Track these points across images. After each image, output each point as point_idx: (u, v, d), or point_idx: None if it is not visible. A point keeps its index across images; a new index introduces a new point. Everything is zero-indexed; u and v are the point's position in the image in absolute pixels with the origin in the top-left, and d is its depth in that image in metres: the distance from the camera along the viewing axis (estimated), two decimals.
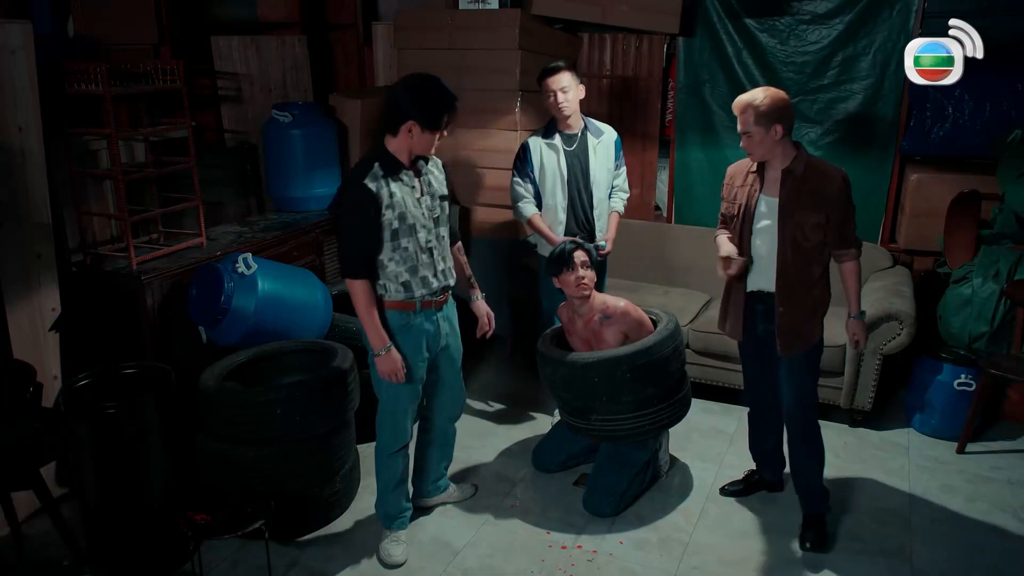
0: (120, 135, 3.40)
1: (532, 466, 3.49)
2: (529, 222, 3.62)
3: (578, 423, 3.19)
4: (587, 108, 4.87)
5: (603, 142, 3.59)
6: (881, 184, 4.32)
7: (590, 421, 3.12)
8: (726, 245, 2.81)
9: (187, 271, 3.45)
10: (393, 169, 2.63)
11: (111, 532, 2.74)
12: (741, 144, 2.72)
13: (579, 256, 3.15)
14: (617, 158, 3.65)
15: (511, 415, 4.00)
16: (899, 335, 3.61)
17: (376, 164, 2.62)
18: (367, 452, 3.45)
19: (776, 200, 2.72)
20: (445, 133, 2.66)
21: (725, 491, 3.29)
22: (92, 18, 3.68)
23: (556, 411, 3.59)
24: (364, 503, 3.20)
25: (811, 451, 2.96)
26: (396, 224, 2.62)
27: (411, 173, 2.68)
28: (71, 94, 3.29)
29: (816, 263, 2.76)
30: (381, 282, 2.68)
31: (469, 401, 4.10)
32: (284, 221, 4.24)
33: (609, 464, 3.19)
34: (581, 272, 3.13)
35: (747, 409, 3.22)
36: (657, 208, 4.92)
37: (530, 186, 3.58)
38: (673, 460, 3.51)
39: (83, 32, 3.64)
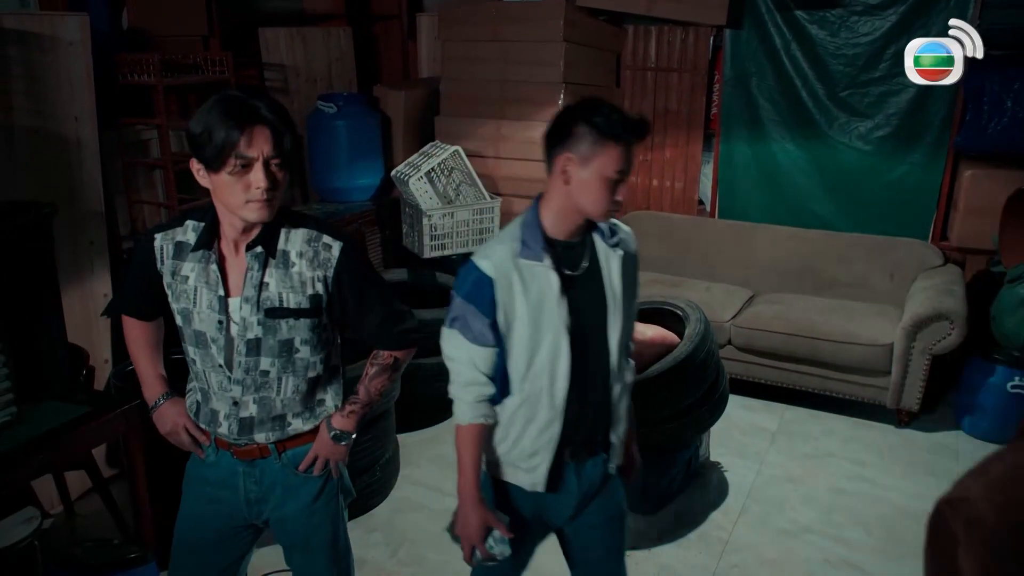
0: (170, 125, 3.48)
1: None
2: None
3: None
4: (631, 104, 4.86)
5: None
6: (933, 180, 4.21)
7: None
8: None
9: None
10: (206, 234, 1.61)
11: (157, 514, 2.81)
12: None
13: None
14: None
15: None
16: (949, 335, 3.51)
17: (188, 217, 1.65)
18: (407, 441, 3.48)
19: None
20: (258, 187, 1.48)
21: None
22: (145, 10, 3.77)
23: None
24: (403, 491, 3.23)
25: None
26: (180, 321, 1.71)
27: (211, 252, 1.61)
28: (123, 84, 3.37)
29: None
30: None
31: None
32: (327, 211, 4.28)
33: (649, 461, 3.16)
34: None
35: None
36: (700, 202, 4.86)
37: None
38: (713, 459, 3.47)
39: (136, 25, 3.72)
